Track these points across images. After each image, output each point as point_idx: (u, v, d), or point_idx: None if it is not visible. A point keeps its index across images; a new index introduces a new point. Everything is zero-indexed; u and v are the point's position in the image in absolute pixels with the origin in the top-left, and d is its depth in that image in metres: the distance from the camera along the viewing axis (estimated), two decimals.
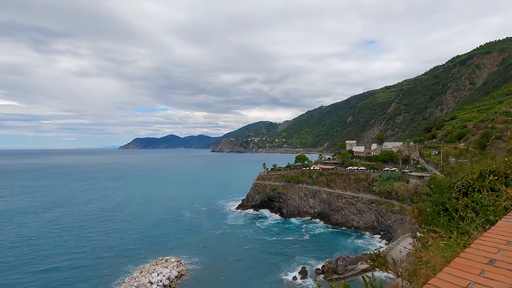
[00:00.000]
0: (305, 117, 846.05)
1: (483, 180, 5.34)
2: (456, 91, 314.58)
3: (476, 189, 5.30)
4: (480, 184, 5.29)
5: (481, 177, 5.42)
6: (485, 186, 5.22)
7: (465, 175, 5.80)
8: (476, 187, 5.32)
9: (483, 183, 5.26)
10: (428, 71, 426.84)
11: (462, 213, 5.20)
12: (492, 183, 5.19)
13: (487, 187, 5.20)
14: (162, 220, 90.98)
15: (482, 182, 5.28)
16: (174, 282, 51.04)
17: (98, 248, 66.47)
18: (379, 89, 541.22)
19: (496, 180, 5.17)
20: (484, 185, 5.22)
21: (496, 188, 5.09)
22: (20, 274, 52.95)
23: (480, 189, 5.28)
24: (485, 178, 5.35)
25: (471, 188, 5.40)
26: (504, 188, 4.98)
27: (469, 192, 5.44)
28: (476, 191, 5.31)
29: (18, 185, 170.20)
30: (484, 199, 4.94)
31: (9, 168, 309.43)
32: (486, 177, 5.35)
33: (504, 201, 4.65)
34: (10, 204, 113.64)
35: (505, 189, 4.90)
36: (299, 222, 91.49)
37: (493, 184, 5.15)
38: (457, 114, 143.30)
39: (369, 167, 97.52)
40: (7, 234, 75.78)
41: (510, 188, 4.89)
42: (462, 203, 5.30)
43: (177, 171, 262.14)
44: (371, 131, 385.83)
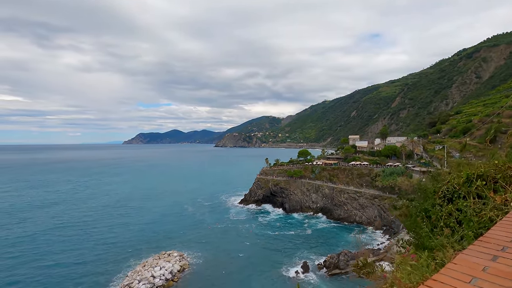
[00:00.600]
0: (308, 111, 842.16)
1: (470, 185, 4.94)
2: (462, 85, 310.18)
3: (462, 196, 4.90)
4: (466, 190, 4.89)
5: (468, 182, 5.01)
6: (471, 192, 4.80)
7: (451, 179, 5.41)
8: (462, 193, 4.92)
9: (470, 188, 4.85)
10: (434, 64, 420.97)
11: (445, 222, 4.77)
12: (479, 189, 4.77)
13: (473, 194, 4.78)
14: (165, 215, 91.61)
15: (468, 188, 4.88)
16: (177, 276, 51.50)
17: (101, 242, 67.16)
18: (383, 83, 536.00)
19: (484, 186, 4.77)
20: (470, 191, 4.82)
21: (483, 194, 4.66)
22: (24, 268, 53.71)
23: (466, 195, 4.86)
24: (472, 183, 4.92)
25: (456, 194, 5.00)
26: (492, 195, 4.52)
27: (454, 199, 5.03)
28: (461, 198, 4.91)
29: (23, 179, 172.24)
30: (469, 208, 4.51)
31: (15, 163, 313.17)
32: (473, 182, 4.90)
33: (490, 210, 4.20)
34: (15, 199, 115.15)
35: (493, 196, 4.45)
36: (301, 217, 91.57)
37: (481, 190, 4.73)
38: (462, 109, 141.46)
39: (372, 162, 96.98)
40: (12, 229, 76.83)
41: (498, 195, 4.43)
42: (446, 211, 4.87)
43: (180, 166, 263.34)
44: (375, 125, 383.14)
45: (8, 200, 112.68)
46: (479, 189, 4.76)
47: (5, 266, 54.26)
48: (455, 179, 5.22)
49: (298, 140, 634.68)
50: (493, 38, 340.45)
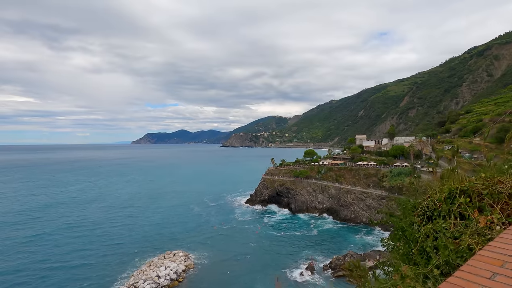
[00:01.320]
0: (315, 111, 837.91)
1: (452, 202, 4.23)
2: (472, 83, 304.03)
3: (443, 214, 4.20)
4: (448, 208, 4.19)
5: (450, 198, 4.31)
6: (453, 211, 4.10)
7: (432, 193, 4.67)
8: (443, 212, 4.21)
9: (452, 206, 4.15)
10: (443, 63, 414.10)
11: (421, 245, 4.07)
12: (462, 207, 4.08)
13: (455, 213, 4.09)
14: (171, 215, 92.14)
15: (450, 205, 4.18)
16: (182, 276, 51.65)
17: (108, 241, 67.92)
18: (391, 82, 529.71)
19: (469, 203, 4.08)
20: (452, 209, 4.13)
21: (466, 214, 3.99)
22: (31, 266, 54.68)
23: (446, 214, 4.17)
24: (455, 199, 4.23)
25: (436, 211, 4.30)
26: (476, 215, 3.86)
27: (434, 217, 4.34)
28: (442, 217, 4.22)
29: (35, 178, 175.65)
30: (448, 231, 3.84)
31: (27, 163, 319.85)
32: (456, 198, 4.23)
33: (470, 236, 3.57)
34: (25, 198, 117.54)
35: (477, 217, 3.81)
36: (307, 218, 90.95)
37: (463, 209, 4.05)
38: (472, 108, 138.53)
39: (379, 162, 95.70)
40: (21, 228, 78.36)
41: (483, 216, 3.76)
42: (423, 232, 4.15)
43: (187, 166, 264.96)
44: (383, 125, 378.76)
45: (18, 199, 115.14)
46: (462, 208, 4.07)
47: (13, 264, 55.32)
48: (436, 194, 4.51)
49: (305, 140, 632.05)
50: (505, 35, 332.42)
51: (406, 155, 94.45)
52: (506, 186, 4.08)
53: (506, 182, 4.21)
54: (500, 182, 4.25)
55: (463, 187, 4.29)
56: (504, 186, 4.10)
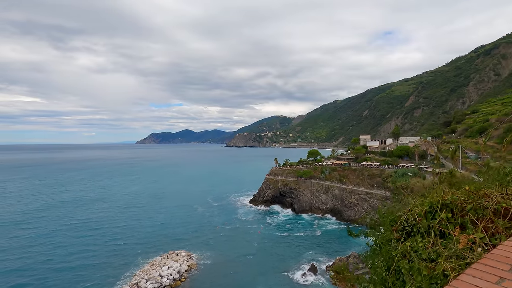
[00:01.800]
0: (319, 111, 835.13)
1: (433, 216, 3.90)
2: (479, 83, 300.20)
3: (422, 230, 3.86)
4: (427, 224, 3.84)
5: (431, 212, 3.98)
6: (433, 228, 3.76)
7: (413, 206, 4.31)
8: (422, 228, 3.87)
9: (432, 222, 3.82)
10: (450, 62, 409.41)
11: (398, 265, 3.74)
12: (443, 223, 3.74)
13: (435, 229, 3.74)
14: (174, 215, 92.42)
15: (430, 221, 3.85)
16: (184, 276, 51.71)
17: (111, 241, 68.29)
18: (396, 82, 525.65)
19: (451, 218, 3.76)
20: (433, 225, 3.79)
21: (447, 232, 3.64)
22: (35, 265, 55.19)
23: (426, 231, 3.82)
24: (436, 214, 3.90)
25: (416, 227, 3.95)
26: (456, 233, 3.52)
27: (413, 233, 4.00)
28: (420, 234, 3.86)
29: (41, 177, 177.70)
30: (425, 251, 3.50)
31: (34, 163, 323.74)
32: (437, 213, 3.89)
33: (447, 258, 3.24)
34: (31, 198, 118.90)
35: (458, 235, 3.47)
36: (310, 218, 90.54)
37: (444, 226, 3.71)
38: (479, 107, 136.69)
39: (383, 162, 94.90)
40: (26, 229, 79.21)
41: (464, 235, 3.41)
42: (400, 250, 3.83)
43: (191, 166, 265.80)
44: (388, 125, 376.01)
45: (25, 198, 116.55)
46: (443, 224, 3.72)
47: (17, 263, 55.94)
48: (417, 207, 4.14)
49: (309, 140, 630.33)
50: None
51: (411, 155, 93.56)
52: (492, 201, 3.70)
53: (492, 196, 3.83)
54: (486, 196, 3.87)
55: (445, 201, 3.93)
56: (490, 200, 3.74)
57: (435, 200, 4.02)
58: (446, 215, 3.77)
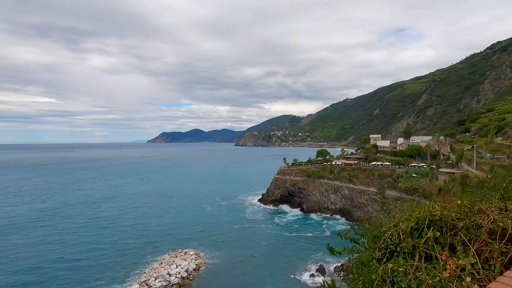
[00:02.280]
0: (329, 110, 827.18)
1: (420, 235, 3.36)
2: (495, 80, 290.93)
3: (407, 251, 3.36)
4: (412, 244, 3.31)
5: (418, 230, 3.42)
6: (418, 248, 3.22)
7: (398, 221, 3.78)
8: (407, 248, 3.35)
9: (418, 241, 3.28)
10: (464, 59, 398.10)
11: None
12: (429, 243, 3.18)
13: (420, 251, 3.19)
14: (183, 214, 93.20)
15: (416, 240, 3.32)
16: (192, 274, 52.04)
17: (121, 239, 69.31)
18: (408, 80, 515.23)
19: (440, 237, 3.20)
20: (418, 245, 3.24)
21: (433, 255, 3.09)
22: (46, 263, 56.50)
23: (410, 252, 3.30)
24: (422, 232, 3.35)
25: (399, 247, 3.44)
26: (444, 256, 2.95)
27: (397, 253, 3.47)
28: (402, 255, 3.36)
29: (55, 175, 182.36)
30: (406, 277, 2.99)
31: (49, 162, 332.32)
32: (424, 231, 3.34)
33: None
34: (44, 196, 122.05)
35: (445, 259, 2.92)
36: (319, 218, 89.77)
37: (430, 247, 3.16)
38: (494, 106, 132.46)
39: (394, 162, 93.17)
40: (39, 228, 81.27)
41: (453, 259, 2.87)
42: (381, 273, 3.34)
43: (200, 165, 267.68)
44: (399, 124, 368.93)
45: (39, 197, 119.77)
46: (429, 245, 3.18)
47: (32, 260, 57.47)
48: (403, 223, 3.62)
49: (318, 139, 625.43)
50: None
51: (422, 155, 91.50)
52: (487, 219, 3.11)
53: (489, 212, 3.24)
54: (482, 212, 3.30)
55: (433, 217, 3.37)
56: (485, 218, 3.16)
57: (423, 216, 3.46)
58: (433, 233, 3.23)
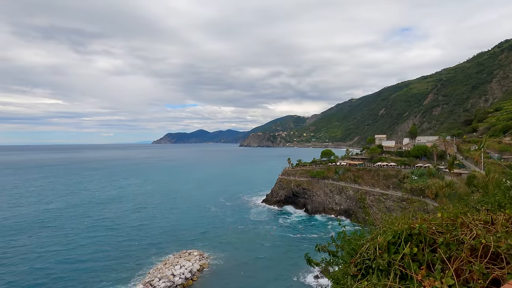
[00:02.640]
0: (334, 110, 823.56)
1: (397, 250, 3.04)
2: (503, 79, 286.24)
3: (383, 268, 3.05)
4: (388, 261, 2.98)
5: (396, 244, 3.11)
6: (393, 266, 2.92)
7: (376, 234, 3.52)
8: (382, 265, 3.03)
9: (395, 257, 2.96)
10: (471, 58, 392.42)
11: None
12: (406, 260, 2.85)
13: (396, 268, 2.87)
14: (187, 214, 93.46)
15: (393, 255, 3.00)
16: (196, 275, 52.09)
17: (125, 240, 69.69)
18: (414, 80, 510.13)
19: (419, 253, 2.88)
20: (394, 261, 2.93)
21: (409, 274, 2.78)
22: (50, 263, 57.01)
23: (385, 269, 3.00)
24: (399, 247, 3.02)
25: (375, 264, 3.13)
26: (420, 276, 2.67)
27: (372, 270, 3.17)
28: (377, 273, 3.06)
29: (62, 176, 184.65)
30: None
31: (55, 162, 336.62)
32: (400, 246, 3.01)
33: None
34: (50, 197, 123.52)
35: (421, 279, 2.65)
36: (324, 219, 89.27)
37: (406, 264, 2.84)
38: (503, 105, 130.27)
39: (400, 163, 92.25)
40: (46, 228, 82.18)
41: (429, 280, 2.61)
42: None
43: (205, 166, 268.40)
44: (405, 124, 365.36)
45: (45, 198, 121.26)
46: (405, 262, 2.86)
47: (37, 261, 58.08)
48: (381, 236, 3.34)
49: (323, 140, 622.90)
50: None
51: (428, 155, 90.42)
52: (470, 234, 2.79)
53: (472, 226, 2.93)
54: (464, 226, 2.99)
55: (411, 231, 3.05)
56: (468, 233, 2.85)
57: (401, 229, 3.13)
58: (411, 249, 2.91)
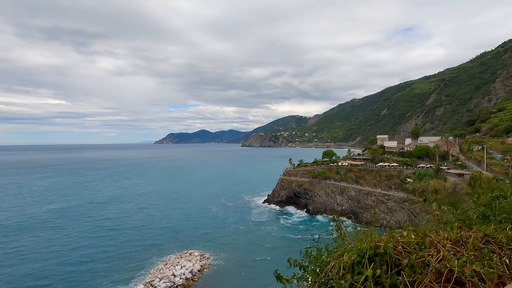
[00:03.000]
0: (336, 110, 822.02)
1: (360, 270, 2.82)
2: (507, 79, 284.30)
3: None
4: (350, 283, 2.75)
5: (360, 263, 2.89)
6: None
7: (342, 252, 3.31)
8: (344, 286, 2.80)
9: (358, 278, 2.74)
10: (474, 58, 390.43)
11: None
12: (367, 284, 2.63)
13: None
14: (188, 214, 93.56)
15: (356, 276, 2.78)
16: (197, 275, 52.10)
17: (127, 239, 69.85)
18: (417, 80, 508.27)
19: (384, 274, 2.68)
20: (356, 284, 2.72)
21: None
22: (51, 264, 57.04)
23: None
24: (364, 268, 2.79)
25: (337, 285, 2.90)
26: None
27: None
28: None
29: (65, 175, 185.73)
30: None
31: (58, 162, 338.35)
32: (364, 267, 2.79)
33: None
34: (52, 197, 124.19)
35: None
36: (325, 220, 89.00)
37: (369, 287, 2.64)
38: (506, 105, 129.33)
39: (402, 163, 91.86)
40: (47, 228, 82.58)
41: None
42: None
43: (206, 166, 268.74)
44: (408, 124, 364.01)
45: (48, 198, 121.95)
46: (367, 285, 2.65)
47: (38, 262, 58.27)
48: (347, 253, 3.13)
49: (325, 140, 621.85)
50: None
51: (431, 156, 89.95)
52: (437, 255, 2.57)
53: (440, 247, 2.71)
54: (432, 246, 2.76)
55: (379, 250, 2.82)
56: (434, 254, 2.61)
57: (366, 247, 2.93)
58: (374, 271, 2.71)
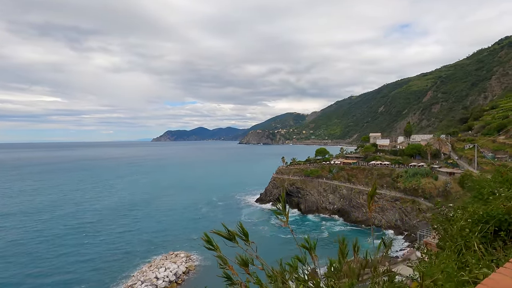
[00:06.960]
0: (333, 107, 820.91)
1: None
2: (503, 76, 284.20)
3: None
4: None
5: None
6: None
7: None
8: None
9: None
10: (471, 55, 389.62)
11: None
12: None
13: None
14: (178, 215, 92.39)
15: None
16: (181, 278, 51.16)
17: (112, 241, 68.60)
18: (414, 77, 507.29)
19: None
20: None
21: None
22: (31, 265, 56.03)
23: None
24: None
25: None
26: None
27: None
28: None
29: (57, 175, 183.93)
30: None
31: (57, 160, 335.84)
32: None
33: None
34: (40, 198, 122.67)
35: None
36: (317, 219, 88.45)
37: None
38: (499, 103, 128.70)
39: (394, 161, 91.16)
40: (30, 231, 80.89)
41: None
42: None
43: (202, 164, 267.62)
44: (404, 121, 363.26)
45: (37, 197, 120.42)
46: None
47: (15, 263, 57.00)
48: None
49: (323, 137, 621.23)
50: None
51: (423, 154, 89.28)
52: None
53: None
54: None
55: None
56: None
57: None
58: None
